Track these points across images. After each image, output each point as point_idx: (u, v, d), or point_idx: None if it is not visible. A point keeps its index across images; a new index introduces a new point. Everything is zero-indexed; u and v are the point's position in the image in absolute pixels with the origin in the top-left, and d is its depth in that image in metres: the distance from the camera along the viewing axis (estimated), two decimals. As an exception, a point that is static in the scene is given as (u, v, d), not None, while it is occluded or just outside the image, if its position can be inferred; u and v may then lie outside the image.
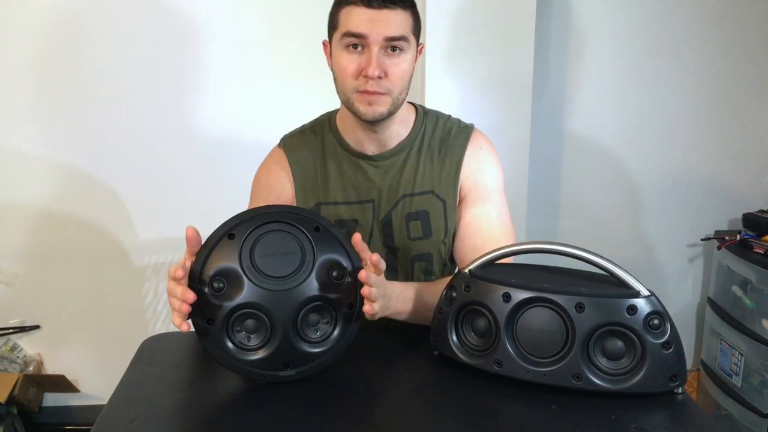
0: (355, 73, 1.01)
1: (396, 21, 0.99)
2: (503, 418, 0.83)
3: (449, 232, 1.15)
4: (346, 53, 1.02)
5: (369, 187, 1.13)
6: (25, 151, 1.87)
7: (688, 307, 2.36)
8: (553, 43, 2.08)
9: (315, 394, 0.87)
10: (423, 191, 1.13)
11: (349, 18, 0.99)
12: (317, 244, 0.89)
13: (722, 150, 2.21)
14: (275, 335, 0.87)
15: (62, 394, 2.07)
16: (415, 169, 1.13)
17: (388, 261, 1.14)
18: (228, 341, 0.87)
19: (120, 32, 1.82)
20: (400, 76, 1.03)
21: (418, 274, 1.17)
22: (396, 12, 0.99)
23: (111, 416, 0.82)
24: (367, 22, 0.98)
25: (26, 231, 1.92)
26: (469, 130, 1.17)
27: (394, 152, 1.13)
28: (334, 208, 1.14)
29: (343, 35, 1.00)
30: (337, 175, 1.14)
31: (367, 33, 0.98)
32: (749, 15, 2.09)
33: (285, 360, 0.88)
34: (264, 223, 0.88)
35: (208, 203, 1.92)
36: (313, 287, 0.88)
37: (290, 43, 1.89)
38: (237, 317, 0.87)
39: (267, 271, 0.87)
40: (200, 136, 1.92)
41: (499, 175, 1.16)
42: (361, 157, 1.13)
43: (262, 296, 0.86)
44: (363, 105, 1.03)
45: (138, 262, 1.98)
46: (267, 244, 0.88)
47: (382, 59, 1.00)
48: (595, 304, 0.83)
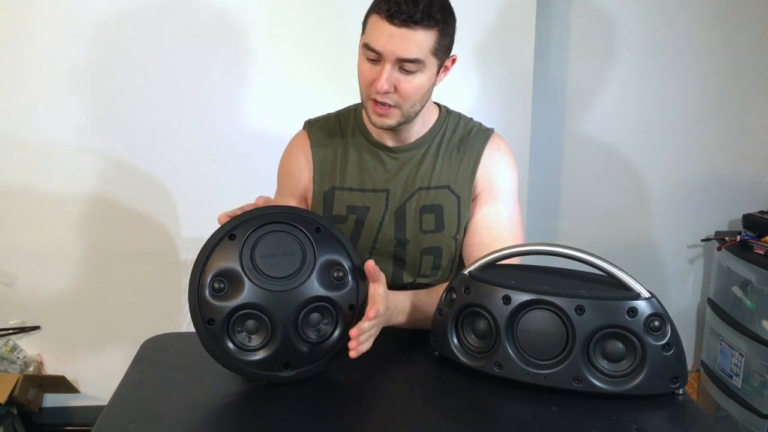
0: (370, 82, 1.04)
1: (414, 42, 0.99)
2: (503, 418, 0.83)
3: (461, 228, 1.17)
4: (365, 61, 1.04)
5: (385, 178, 1.16)
6: (25, 150, 1.87)
7: (689, 308, 2.36)
8: (553, 43, 2.08)
9: (315, 395, 0.87)
10: (439, 186, 1.15)
11: (373, 29, 1.01)
12: (318, 244, 0.90)
13: (722, 151, 2.21)
14: (276, 336, 0.87)
15: (62, 395, 2.06)
16: (432, 164, 1.16)
17: (396, 251, 1.16)
18: (228, 342, 0.87)
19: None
20: (411, 92, 1.04)
21: (425, 268, 1.18)
22: (416, 32, 0.98)
23: (111, 417, 0.82)
24: (385, 38, 0.99)
25: (26, 231, 1.92)
26: (489, 132, 1.20)
27: (414, 146, 1.16)
28: (348, 193, 1.16)
29: (363, 45, 1.03)
30: (356, 162, 1.16)
31: (381, 50, 1.00)
32: (749, 15, 2.09)
33: (285, 360, 0.88)
34: (265, 224, 0.88)
35: (208, 204, 1.91)
36: (314, 288, 0.88)
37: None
38: (237, 318, 0.87)
39: (268, 271, 0.87)
40: (200, 137, 1.92)
41: (514, 178, 1.19)
42: (382, 148, 1.16)
43: (262, 297, 0.86)
44: (374, 115, 1.07)
45: (138, 263, 1.97)
46: (268, 245, 0.88)
47: (394, 75, 1.02)
48: (595, 307, 0.83)
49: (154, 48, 1.84)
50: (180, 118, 1.89)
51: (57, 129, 1.85)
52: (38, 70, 1.81)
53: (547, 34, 2.06)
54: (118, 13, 1.80)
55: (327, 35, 1.84)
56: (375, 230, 1.16)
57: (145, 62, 1.84)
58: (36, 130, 1.85)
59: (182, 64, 1.85)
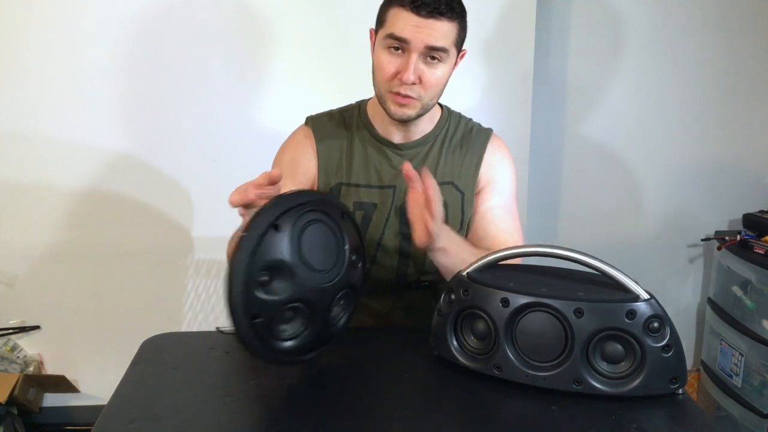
0: (392, 75, 1.04)
1: (441, 31, 1.01)
2: (503, 418, 0.83)
3: (465, 224, 1.19)
4: (386, 53, 1.04)
5: (391, 174, 1.17)
6: (24, 150, 1.86)
7: (689, 308, 2.36)
8: (554, 43, 2.08)
9: (315, 394, 0.87)
10: (443, 182, 1.17)
11: (395, 20, 1.01)
12: (345, 231, 0.90)
13: (722, 150, 2.21)
14: (312, 324, 0.86)
15: (62, 395, 2.06)
16: (437, 161, 1.18)
17: (402, 248, 1.18)
18: (270, 337, 0.84)
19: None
20: (434, 84, 1.06)
21: (429, 264, 1.18)
22: (442, 23, 1.00)
23: (111, 416, 0.82)
24: (412, 28, 1.00)
25: (27, 231, 1.92)
26: (489, 131, 1.23)
27: (419, 143, 1.18)
28: (355, 190, 1.17)
29: (387, 36, 1.03)
30: (361, 158, 1.17)
31: (410, 39, 1.00)
32: (750, 15, 2.09)
33: (311, 346, 0.89)
34: (305, 212, 0.85)
35: (208, 204, 1.92)
36: (347, 277, 0.89)
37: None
38: (282, 311, 0.84)
39: (315, 264, 0.85)
40: (200, 137, 1.91)
41: (514, 177, 1.22)
42: (387, 145, 1.17)
43: (310, 291, 0.84)
44: (394, 106, 1.07)
45: (138, 262, 1.97)
46: (310, 235, 0.85)
47: (420, 66, 1.03)
48: (594, 309, 0.83)
49: (154, 47, 1.83)
50: (180, 117, 1.88)
51: (57, 128, 1.85)
52: (38, 70, 1.81)
53: (547, 34, 2.06)
54: (118, 13, 1.80)
55: (328, 35, 1.84)
56: (382, 226, 1.17)
57: (145, 61, 1.84)
58: (36, 130, 1.85)
59: (182, 64, 1.85)
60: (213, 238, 1.94)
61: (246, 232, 0.78)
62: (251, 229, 0.79)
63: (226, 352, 0.99)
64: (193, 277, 1.99)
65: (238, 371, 0.95)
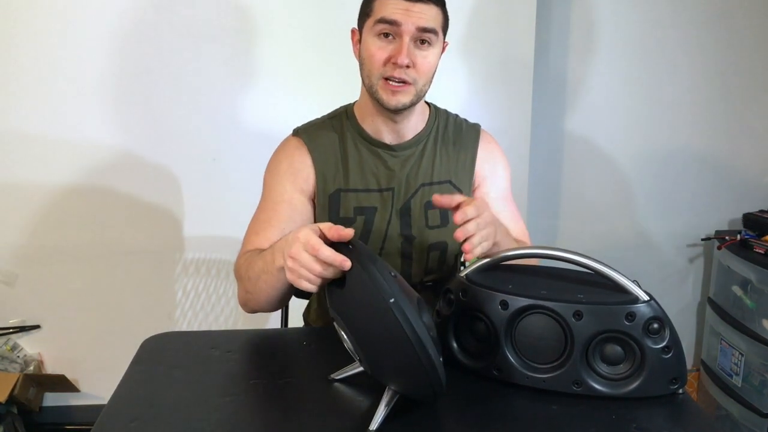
0: (384, 61, 1.05)
1: (429, 14, 1.04)
2: (503, 417, 0.83)
3: None
4: (377, 40, 1.05)
5: (389, 176, 1.16)
6: (23, 150, 1.86)
7: (688, 307, 2.36)
8: (554, 42, 2.07)
9: (315, 394, 0.87)
10: (441, 181, 1.18)
11: (384, 6, 1.03)
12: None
13: (723, 150, 2.21)
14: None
15: (62, 394, 2.07)
16: (432, 160, 1.18)
17: (404, 249, 1.17)
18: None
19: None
20: (427, 69, 1.07)
21: (432, 264, 1.20)
22: (429, 6, 1.04)
23: (111, 416, 0.82)
24: (402, 11, 1.02)
25: (26, 231, 1.92)
26: (478, 127, 1.24)
27: (412, 143, 1.17)
28: (354, 195, 1.16)
29: (377, 21, 1.04)
30: (356, 163, 1.16)
31: (402, 21, 1.02)
32: (750, 14, 2.09)
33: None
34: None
35: (208, 204, 1.92)
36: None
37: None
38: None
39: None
40: (200, 137, 1.92)
41: (509, 168, 1.25)
42: (380, 146, 1.16)
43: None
44: (387, 94, 1.07)
45: (138, 261, 1.98)
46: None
47: (412, 50, 1.04)
48: (593, 312, 0.82)
49: (154, 47, 1.83)
50: (180, 117, 1.88)
51: (57, 128, 1.85)
52: (38, 69, 1.81)
53: (547, 33, 2.06)
54: (118, 13, 1.80)
55: (328, 34, 1.84)
56: (384, 229, 1.16)
57: (145, 61, 1.84)
58: (36, 129, 1.85)
59: (182, 64, 1.85)
60: (213, 237, 1.94)
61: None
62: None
63: (227, 351, 0.99)
64: (193, 276, 1.99)
65: (238, 371, 0.95)
